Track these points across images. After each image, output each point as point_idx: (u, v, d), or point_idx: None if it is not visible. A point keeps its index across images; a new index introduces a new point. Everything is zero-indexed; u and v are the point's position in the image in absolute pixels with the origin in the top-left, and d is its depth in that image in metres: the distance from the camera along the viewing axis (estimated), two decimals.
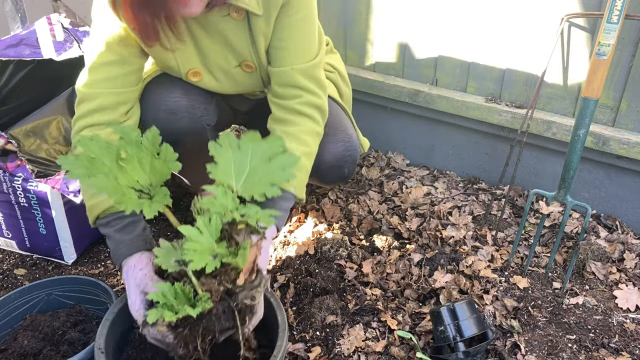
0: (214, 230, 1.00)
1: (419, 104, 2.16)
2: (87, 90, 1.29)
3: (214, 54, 1.38)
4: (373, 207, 2.03)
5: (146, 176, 1.05)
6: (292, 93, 1.36)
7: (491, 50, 1.97)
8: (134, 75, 1.34)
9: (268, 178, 1.10)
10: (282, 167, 1.11)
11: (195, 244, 0.96)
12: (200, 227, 0.99)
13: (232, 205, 1.04)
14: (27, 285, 1.40)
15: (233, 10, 1.28)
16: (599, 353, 1.43)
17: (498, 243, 1.86)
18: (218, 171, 1.08)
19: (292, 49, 1.33)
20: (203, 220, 1.00)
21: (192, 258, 0.94)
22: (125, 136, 1.04)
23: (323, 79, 1.41)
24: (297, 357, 1.42)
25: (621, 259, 1.76)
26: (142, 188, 1.04)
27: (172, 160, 1.06)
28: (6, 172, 1.64)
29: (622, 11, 1.43)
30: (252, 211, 1.05)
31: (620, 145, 1.77)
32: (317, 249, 1.77)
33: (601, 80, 1.49)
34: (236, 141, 1.13)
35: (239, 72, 1.42)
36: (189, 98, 1.44)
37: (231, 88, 1.48)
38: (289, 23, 1.30)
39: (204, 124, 1.49)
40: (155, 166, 1.05)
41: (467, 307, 1.38)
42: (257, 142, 1.13)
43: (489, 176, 2.18)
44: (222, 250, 1.00)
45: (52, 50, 1.76)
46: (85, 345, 1.29)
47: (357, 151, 1.55)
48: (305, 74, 1.35)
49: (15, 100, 1.77)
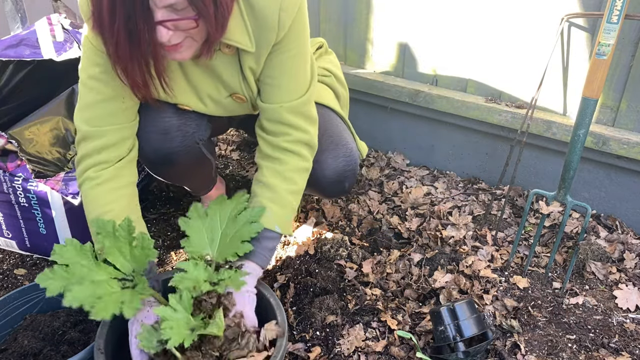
0: (187, 305, 1.07)
1: (419, 104, 2.16)
2: (91, 129, 1.28)
3: (204, 85, 1.36)
4: (373, 207, 2.03)
5: (127, 263, 1.13)
6: (280, 130, 1.34)
7: (491, 50, 1.97)
8: (133, 109, 1.34)
9: (238, 236, 1.21)
10: (248, 221, 1.23)
11: (171, 322, 1.03)
12: (173, 305, 1.06)
13: (204, 276, 1.13)
14: (27, 285, 1.40)
15: (224, 46, 1.25)
16: (599, 353, 1.43)
17: (498, 243, 1.86)
18: (191, 244, 1.19)
19: (282, 87, 1.31)
20: (175, 298, 1.07)
21: (169, 336, 1.00)
22: (102, 230, 1.12)
23: (312, 114, 1.38)
24: (297, 357, 1.42)
25: (621, 259, 1.76)
26: (125, 276, 1.11)
27: (149, 247, 1.13)
28: (6, 172, 1.64)
29: (622, 11, 1.43)
30: (226, 276, 1.14)
31: (620, 145, 1.77)
32: (317, 249, 1.77)
33: (601, 80, 1.49)
34: (204, 210, 1.24)
35: (230, 102, 1.41)
36: (179, 116, 1.42)
37: (223, 113, 1.46)
38: (280, 61, 1.28)
39: (196, 140, 1.47)
40: (135, 254, 1.12)
41: (467, 307, 1.38)
42: (223, 205, 1.25)
43: (489, 176, 2.18)
44: (198, 323, 1.07)
45: (52, 50, 1.76)
46: (85, 345, 1.29)
47: (357, 164, 1.54)
48: (294, 112, 1.33)
49: (15, 100, 1.77)
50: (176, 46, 1.09)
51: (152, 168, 1.52)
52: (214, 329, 1.07)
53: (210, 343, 1.09)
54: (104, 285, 1.05)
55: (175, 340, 1.00)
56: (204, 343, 1.09)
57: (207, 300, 1.12)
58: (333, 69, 1.71)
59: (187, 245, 1.19)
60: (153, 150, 1.41)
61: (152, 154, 1.42)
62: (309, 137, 1.37)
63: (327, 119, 1.56)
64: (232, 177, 2.29)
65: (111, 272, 1.09)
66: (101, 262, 1.10)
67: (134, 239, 1.12)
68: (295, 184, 1.36)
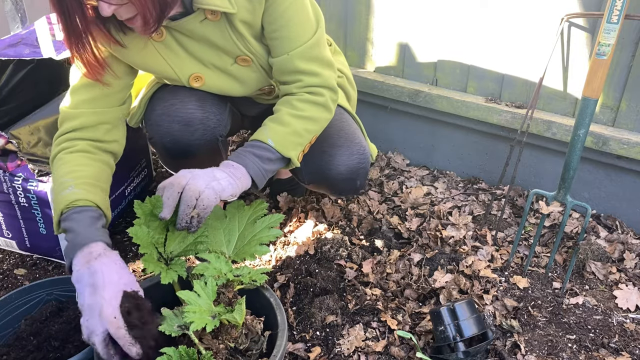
0: (210, 292, 1.10)
1: (419, 104, 2.16)
2: (69, 111, 1.31)
3: (207, 56, 1.37)
4: (373, 207, 2.03)
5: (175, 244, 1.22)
6: (292, 78, 1.36)
7: (491, 50, 1.97)
8: (116, 95, 1.36)
9: (255, 239, 1.26)
10: (267, 226, 1.28)
11: (195, 307, 1.05)
12: (197, 290, 1.08)
13: (225, 268, 1.17)
14: (27, 285, 1.40)
15: (208, 12, 1.26)
16: (599, 353, 1.43)
17: (498, 243, 1.86)
18: (210, 243, 1.24)
19: (286, 36, 1.31)
20: (199, 284, 1.09)
21: (192, 320, 1.02)
22: (140, 208, 1.20)
23: (325, 55, 1.37)
24: (297, 357, 1.42)
25: (621, 259, 1.76)
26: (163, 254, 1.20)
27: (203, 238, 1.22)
28: (6, 172, 1.64)
29: (622, 11, 1.43)
30: (245, 271, 1.19)
31: (620, 145, 1.77)
32: (317, 249, 1.77)
33: (601, 80, 1.49)
34: (222, 212, 1.29)
35: (238, 68, 1.41)
36: (203, 109, 1.44)
37: (239, 88, 1.46)
38: (279, 13, 1.28)
39: (217, 135, 1.48)
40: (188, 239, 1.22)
41: (467, 307, 1.38)
42: (241, 210, 1.31)
43: (489, 176, 2.18)
44: (220, 309, 1.09)
45: (51, 49, 1.76)
46: (85, 345, 1.29)
47: (369, 163, 1.54)
48: (304, 57, 1.33)
49: (15, 100, 1.76)
50: (132, 20, 1.12)
51: (167, 159, 1.52)
52: (237, 316, 1.08)
53: (228, 333, 1.10)
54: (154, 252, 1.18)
55: (198, 324, 1.01)
56: (222, 332, 1.10)
57: (225, 293, 1.14)
58: (344, 70, 1.72)
59: (207, 243, 1.22)
60: (173, 141, 1.43)
61: (171, 145, 1.44)
62: (322, 79, 1.36)
63: (342, 118, 1.57)
64: None
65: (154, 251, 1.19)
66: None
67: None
68: (300, 110, 1.33)
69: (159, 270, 1.14)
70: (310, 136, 1.36)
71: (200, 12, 1.26)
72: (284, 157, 1.31)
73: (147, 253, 1.14)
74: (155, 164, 2.30)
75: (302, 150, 1.35)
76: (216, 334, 1.10)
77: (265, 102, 1.67)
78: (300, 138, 1.33)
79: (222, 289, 1.14)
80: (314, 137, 1.38)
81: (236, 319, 1.08)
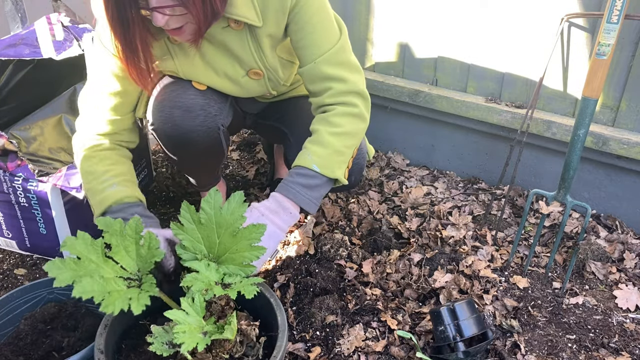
0: (199, 308, 1.06)
1: (419, 104, 2.16)
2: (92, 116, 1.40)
3: (221, 64, 1.41)
4: (373, 207, 2.03)
5: (133, 263, 1.12)
6: (322, 87, 1.37)
7: (491, 50, 1.97)
8: (132, 104, 1.46)
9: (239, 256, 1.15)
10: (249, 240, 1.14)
11: (184, 326, 1.01)
12: (185, 308, 1.05)
13: (215, 277, 1.11)
14: (28, 285, 1.40)
15: (232, 21, 1.29)
16: (599, 353, 1.43)
17: (498, 243, 1.86)
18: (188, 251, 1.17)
19: (311, 44, 1.34)
20: (187, 302, 1.05)
21: (183, 340, 0.99)
22: (109, 228, 1.10)
23: (352, 61, 1.40)
24: (297, 357, 1.42)
25: (621, 259, 1.76)
26: (130, 275, 1.10)
27: (155, 247, 1.12)
28: (6, 172, 1.64)
29: (622, 11, 1.44)
30: (237, 280, 1.12)
31: (620, 145, 1.77)
32: (317, 249, 1.77)
33: (601, 80, 1.49)
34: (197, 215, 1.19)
35: (247, 80, 1.45)
36: (205, 97, 1.45)
37: (239, 93, 1.51)
38: (305, 21, 1.32)
39: (218, 124, 1.49)
40: (141, 253, 1.12)
41: (467, 307, 1.38)
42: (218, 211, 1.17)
43: (489, 176, 2.18)
44: (210, 328, 1.05)
45: (51, 49, 1.76)
46: (85, 345, 1.29)
47: (365, 160, 1.55)
48: (331, 63, 1.35)
49: (15, 100, 1.77)
50: (179, 30, 1.20)
51: (169, 146, 1.53)
52: (228, 334, 1.05)
53: (221, 346, 1.08)
54: (111, 282, 1.04)
55: (189, 344, 0.98)
56: (215, 345, 1.08)
57: (217, 302, 1.11)
58: None
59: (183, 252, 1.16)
60: (174, 127, 1.44)
61: (172, 131, 1.44)
62: (351, 85, 1.38)
63: None
64: (232, 177, 2.29)
65: (117, 270, 1.09)
66: (109, 260, 1.09)
67: (141, 238, 1.12)
68: (338, 127, 1.34)
69: (127, 304, 1.02)
70: (351, 151, 1.38)
71: (224, 18, 1.28)
72: (330, 178, 1.33)
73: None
74: (155, 164, 2.30)
75: (346, 167, 1.38)
76: (209, 347, 1.08)
77: (266, 101, 1.68)
78: (343, 156, 1.35)
79: (213, 297, 1.11)
80: (354, 151, 1.40)
81: (227, 336, 1.05)
